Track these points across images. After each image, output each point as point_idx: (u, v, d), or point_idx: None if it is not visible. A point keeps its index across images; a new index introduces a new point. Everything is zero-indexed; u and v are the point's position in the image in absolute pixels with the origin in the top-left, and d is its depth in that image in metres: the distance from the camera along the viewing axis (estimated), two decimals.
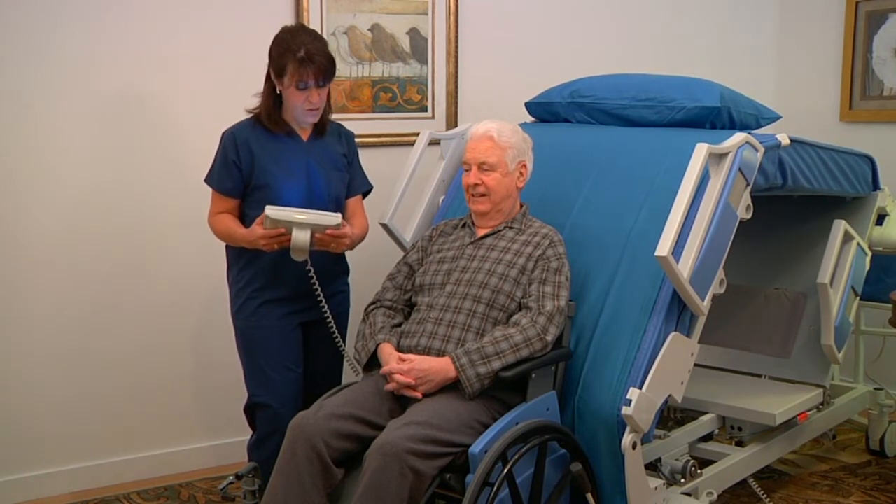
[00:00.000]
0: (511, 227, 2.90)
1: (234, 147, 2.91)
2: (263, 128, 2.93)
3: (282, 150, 2.94)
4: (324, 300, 2.92)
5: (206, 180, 2.96)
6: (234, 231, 2.91)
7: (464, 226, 2.97)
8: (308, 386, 3.02)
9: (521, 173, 2.90)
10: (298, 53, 2.79)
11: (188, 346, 3.71)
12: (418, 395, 2.59)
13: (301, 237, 2.72)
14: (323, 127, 3.01)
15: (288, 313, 2.98)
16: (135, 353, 3.62)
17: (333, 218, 2.78)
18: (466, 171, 2.89)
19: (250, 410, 3.03)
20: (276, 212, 2.72)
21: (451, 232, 2.98)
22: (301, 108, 2.88)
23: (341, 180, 3.04)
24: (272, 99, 2.92)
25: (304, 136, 2.99)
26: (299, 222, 2.72)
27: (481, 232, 2.91)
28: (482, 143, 2.86)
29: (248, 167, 2.92)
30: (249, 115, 2.98)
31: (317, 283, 2.88)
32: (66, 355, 3.51)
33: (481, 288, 2.75)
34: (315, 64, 2.80)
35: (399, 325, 2.84)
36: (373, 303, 2.92)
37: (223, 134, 2.95)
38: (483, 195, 2.86)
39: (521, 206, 2.96)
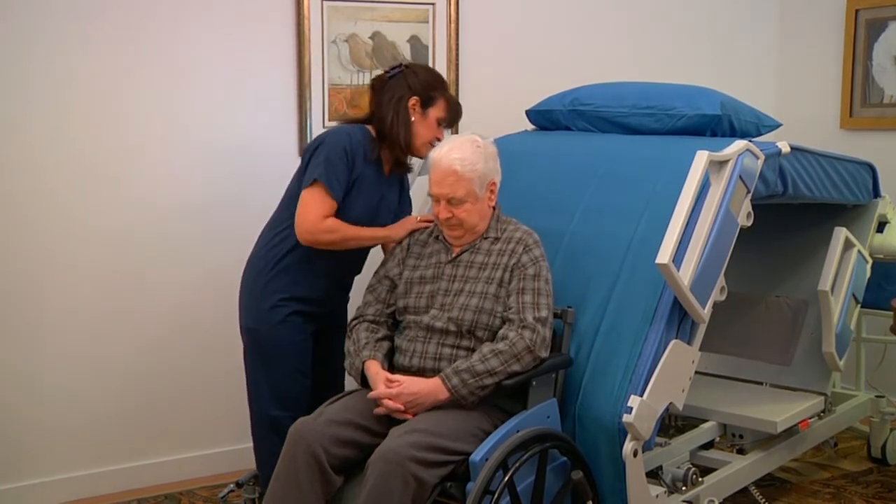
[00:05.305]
0: (486, 238, 2.81)
1: (349, 146, 2.87)
2: (368, 145, 2.91)
3: (366, 173, 2.92)
4: None
5: (315, 177, 2.83)
6: (363, 231, 2.89)
7: (437, 238, 2.88)
8: (316, 389, 2.99)
9: (490, 192, 2.79)
10: (450, 94, 3.02)
11: (188, 356, 3.70)
12: (409, 417, 2.55)
13: None
14: (406, 167, 3.06)
15: (306, 321, 2.95)
16: (134, 362, 3.61)
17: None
18: (435, 203, 2.76)
19: (263, 428, 2.94)
20: None
21: (426, 240, 2.90)
22: (427, 141, 2.96)
23: (391, 220, 3.02)
24: (410, 127, 2.93)
25: (386, 172, 2.99)
26: None
27: (457, 250, 2.82)
28: (447, 178, 2.70)
29: (351, 175, 2.89)
30: (357, 125, 2.95)
31: None
32: (64, 366, 3.50)
33: (462, 311, 2.69)
34: (460, 110, 3.05)
35: (383, 338, 2.80)
36: (355, 318, 2.86)
37: (342, 132, 2.89)
38: (456, 225, 2.78)
39: (493, 210, 2.85)
